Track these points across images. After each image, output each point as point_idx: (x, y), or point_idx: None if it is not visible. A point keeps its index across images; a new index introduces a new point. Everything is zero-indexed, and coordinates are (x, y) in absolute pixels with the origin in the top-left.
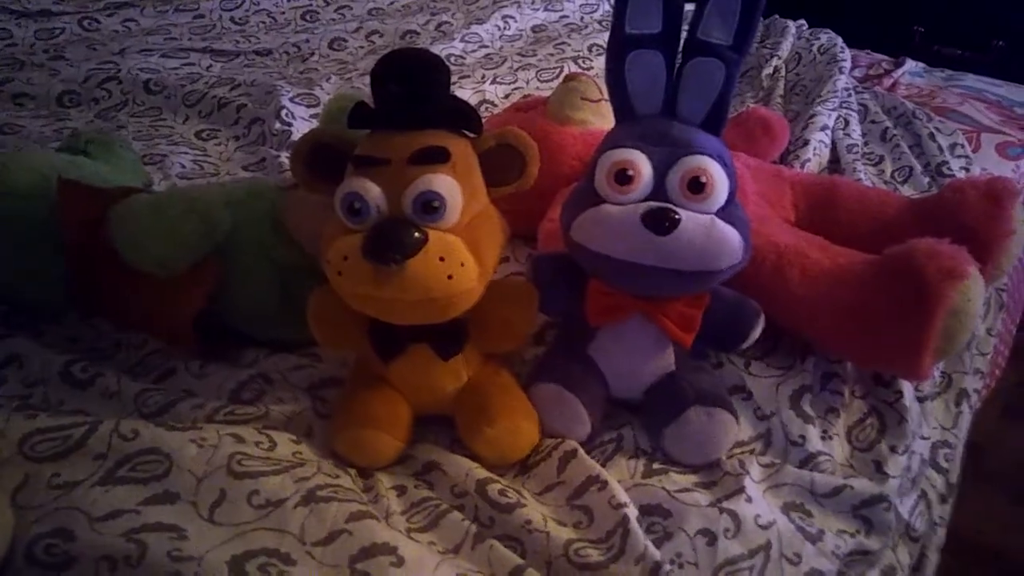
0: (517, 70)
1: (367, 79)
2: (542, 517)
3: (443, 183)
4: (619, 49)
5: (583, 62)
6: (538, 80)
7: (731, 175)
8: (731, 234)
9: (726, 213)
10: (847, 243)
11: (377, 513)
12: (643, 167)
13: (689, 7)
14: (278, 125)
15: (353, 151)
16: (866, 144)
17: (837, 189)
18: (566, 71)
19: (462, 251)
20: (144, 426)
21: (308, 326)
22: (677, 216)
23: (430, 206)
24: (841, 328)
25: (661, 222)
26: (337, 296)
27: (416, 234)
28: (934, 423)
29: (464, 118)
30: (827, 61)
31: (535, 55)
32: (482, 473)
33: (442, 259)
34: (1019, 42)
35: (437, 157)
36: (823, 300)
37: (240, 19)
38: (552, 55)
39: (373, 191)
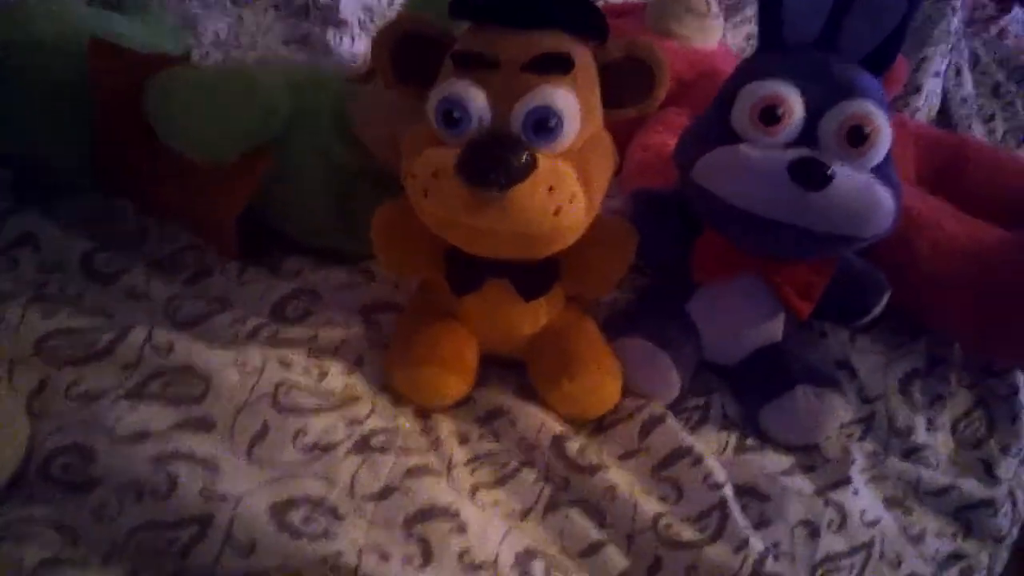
0: None
1: None
2: (628, 485)
3: (563, 99)
4: None
5: None
6: None
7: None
8: (886, 199)
9: (882, 173)
10: (973, 214)
11: (438, 466)
12: (795, 106)
13: None
14: None
15: (451, 45)
16: (976, 97)
17: (966, 152)
18: None
19: (573, 182)
20: (180, 339)
21: (363, 239)
22: (831, 171)
23: (544, 125)
24: (970, 310)
25: (812, 175)
26: (410, 214)
27: (525, 156)
28: None
29: (591, 20)
30: None
31: None
32: (557, 428)
33: (551, 189)
34: None
35: (559, 66)
36: (954, 279)
37: None
38: None
39: (478, 98)
